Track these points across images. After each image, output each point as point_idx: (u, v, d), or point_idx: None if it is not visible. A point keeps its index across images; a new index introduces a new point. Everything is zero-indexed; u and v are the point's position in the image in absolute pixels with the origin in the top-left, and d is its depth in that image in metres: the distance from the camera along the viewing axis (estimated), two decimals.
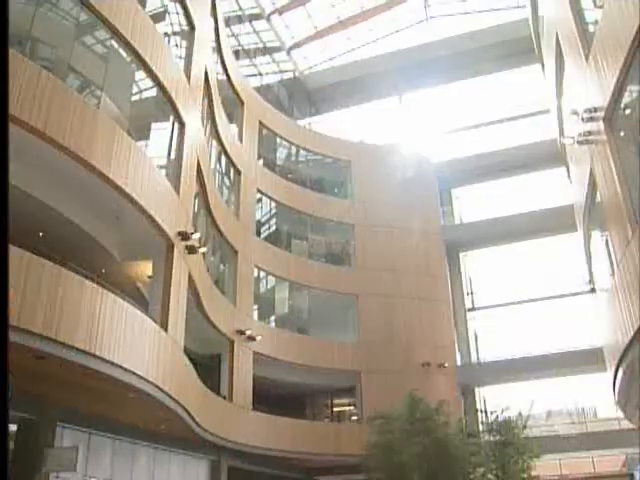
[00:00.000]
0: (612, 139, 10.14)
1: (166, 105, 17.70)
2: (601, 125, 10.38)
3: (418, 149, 36.45)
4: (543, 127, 32.97)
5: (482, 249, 35.29)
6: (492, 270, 35.05)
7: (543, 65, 20.23)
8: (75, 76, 14.23)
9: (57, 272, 11.06)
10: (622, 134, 10.01)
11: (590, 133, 11.33)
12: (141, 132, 16.80)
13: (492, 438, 18.61)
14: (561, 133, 17.85)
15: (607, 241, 12.10)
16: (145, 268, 17.86)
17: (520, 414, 18.74)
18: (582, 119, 11.25)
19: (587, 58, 10.98)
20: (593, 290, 17.08)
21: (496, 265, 34.87)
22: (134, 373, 13.08)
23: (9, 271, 2.73)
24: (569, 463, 28.69)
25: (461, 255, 35.41)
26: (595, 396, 29.42)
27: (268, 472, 27.38)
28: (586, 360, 26.87)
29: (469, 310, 34.17)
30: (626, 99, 9.47)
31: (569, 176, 19.28)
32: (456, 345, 32.10)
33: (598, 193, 12.10)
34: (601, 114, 10.30)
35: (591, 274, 17.29)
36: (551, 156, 30.87)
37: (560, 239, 31.67)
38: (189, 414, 17.45)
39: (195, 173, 19.75)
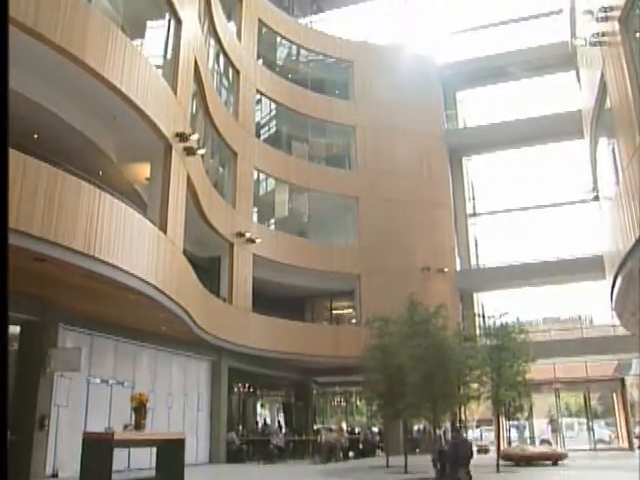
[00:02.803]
0: (626, 41, 9.86)
1: (162, 0, 17.11)
2: (616, 25, 10.06)
3: (422, 50, 35.50)
4: (553, 29, 32.10)
5: (485, 154, 35.00)
6: (495, 176, 34.88)
7: None
8: None
9: (54, 174, 10.96)
10: (637, 35, 9.73)
11: (604, 34, 11.01)
12: (136, 30, 16.30)
13: (489, 342, 19.04)
14: (573, 34, 17.38)
15: (614, 148, 11.98)
16: (143, 170, 17.74)
17: (517, 319, 19.10)
18: (596, 19, 10.90)
19: None
20: (597, 198, 17.07)
21: (499, 171, 34.65)
22: (133, 275, 13.20)
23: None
24: (563, 367, 29.59)
25: (464, 160, 35.15)
26: (592, 304, 29.89)
27: (268, 373, 28.20)
28: (585, 268, 27.23)
29: (470, 216, 34.26)
30: None
31: (579, 80, 18.91)
32: (456, 250, 32.37)
33: (608, 98, 11.88)
34: (617, 14, 9.97)
35: (595, 182, 17.24)
36: (560, 59, 30.28)
37: (565, 146, 31.47)
38: (189, 316, 17.77)
39: (192, 73, 19.31)
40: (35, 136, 14.47)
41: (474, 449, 27.25)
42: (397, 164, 31.86)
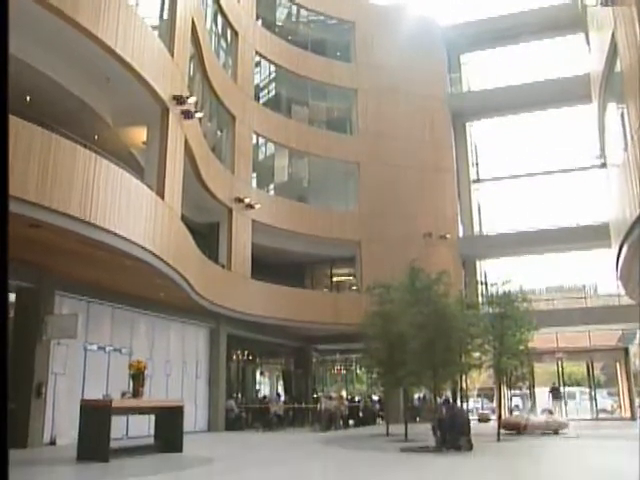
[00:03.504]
0: None
1: None
2: None
3: (426, 11, 35.02)
4: None
5: (490, 119, 34.68)
6: (499, 142, 34.62)
7: None
8: None
9: (48, 138, 10.86)
10: None
11: None
12: None
13: (491, 310, 19.03)
14: None
15: (623, 113, 11.85)
16: (140, 134, 17.62)
17: (520, 288, 19.07)
18: None
19: None
20: (604, 165, 16.94)
21: (503, 137, 34.38)
22: (130, 241, 13.17)
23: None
24: (566, 337, 29.71)
25: (467, 125, 34.87)
26: (597, 273, 29.89)
27: (267, 340, 28.34)
28: (590, 236, 27.16)
29: (474, 182, 34.09)
30: None
31: (588, 43, 18.63)
32: (459, 217, 32.32)
33: (618, 60, 11.71)
34: None
35: (603, 148, 17.09)
36: (569, 21, 29.85)
37: (572, 111, 31.17)
38: (187, 282, 17.78)
39: (190, 34, 19.06)
40: (27, 99, 14.31)
41: (474, 417, 27.55)
42: (399, 128, 31.62)
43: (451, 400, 19.27)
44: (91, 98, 15.35)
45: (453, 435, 14.53)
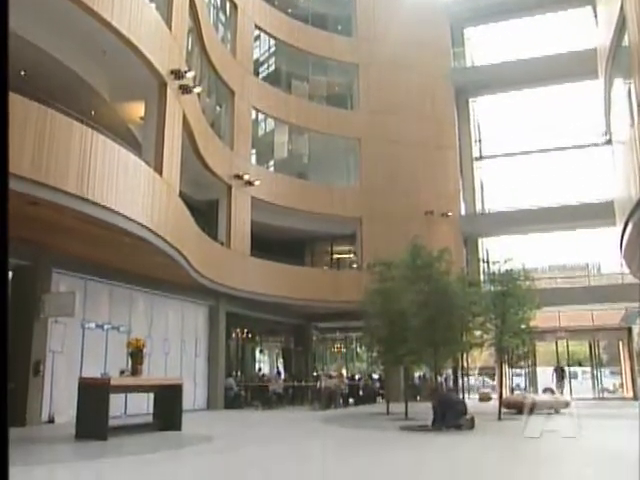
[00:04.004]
0: None
1: None
2: None
3: None
4: None
5: (493, 95, 34.41)
6: (502, 118, 34.40)
7: None
8: None
9: (44, 113, 10.77)
10: None
11: None
12: None
13: (493, 288, 19.03)
14: None
15: (630, 89, 11.76)
16: (137, 109, 17.52)
17: (523, 266, 19.04)
18: None
19: None
20: (609, 142, 16.84)
21: (507, 113, 34.15)
22: (128, 217, 13.13)
23: None
24: (568, 315, 29.72)
25: (470, 101, 34.61)
26: (600, 251, 29.88)
27: (267, 318, 28.40)
28: (594, 214, 27.10)
29: (476, 159, 33.93)
30: None
31: (595, 16, 18.44)
32: (461, 194, 32.24)
33: (626, 34, 11.59)
34: None
35: (608, 125, 16.98)
36: None
37: (577, 87, 30.91)
38: (186, 260, 17.77)
39: (188, 6, 18.89)
40: (22, 73, 14.20)
41: (474, 396, 27.72)
42: (401, 104, 31.42)
43: (446, 380, 19.35)
44: (87, 72, 15.24)
45: (452, 415, 14.62)
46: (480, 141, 34.41)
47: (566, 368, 30.43)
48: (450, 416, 14.59)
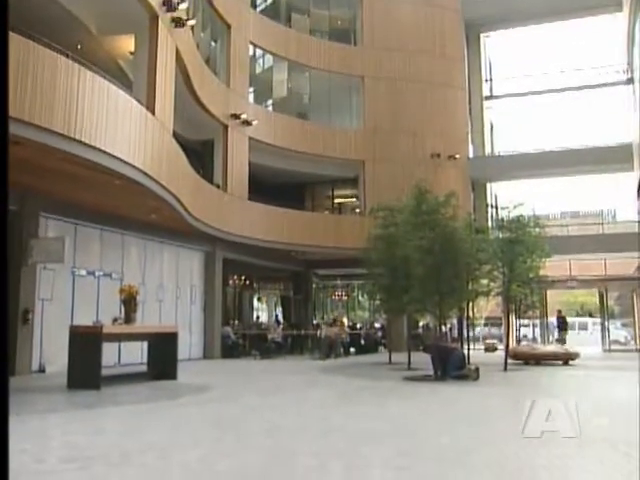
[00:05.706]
0: None
1: None
2: None
3: None
4: None
5: (507, 30, 33.73)
6: (515, 55, 33.83)
7: None
8: None
9: (25, 46, 10.53)
10: None
11: None
12: None
13: (501, 235, 18.99)
14: None
15: None
16: (127, 43, 17.23)
17: (533, 212, 18.97)
18: None
19: None
20: (630, 80, 16.56)
21: (520, 50, 33.58)
22: (118, 158, 12.96)
23: None
24: (579, 264, 29.71)
25: (482, 36, 33.95)
26: (616, 197, 29.70)
27: (265, 265, 28.44)
28: (611, 158, 26.85)
29: (486, 98, 33.50)
30: None
31: None
32: (469, 136, 31.95)
33: None
34: None
35: (630, 62, 16.66)
36: None
37: (597, 21, 30.29)
38: (180, 203, 17.67)
39: None
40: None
41: (481, 347, 28.01)
42: (408, 39, 30.87)
43: (451, 330, 19.45)
44: (72, 2, 14.91)
45: (452, 365, 14.77)
46: (491, 80, 33.91)
47: (570, 319, 30.46)
48: (451, 366, 14.75)
